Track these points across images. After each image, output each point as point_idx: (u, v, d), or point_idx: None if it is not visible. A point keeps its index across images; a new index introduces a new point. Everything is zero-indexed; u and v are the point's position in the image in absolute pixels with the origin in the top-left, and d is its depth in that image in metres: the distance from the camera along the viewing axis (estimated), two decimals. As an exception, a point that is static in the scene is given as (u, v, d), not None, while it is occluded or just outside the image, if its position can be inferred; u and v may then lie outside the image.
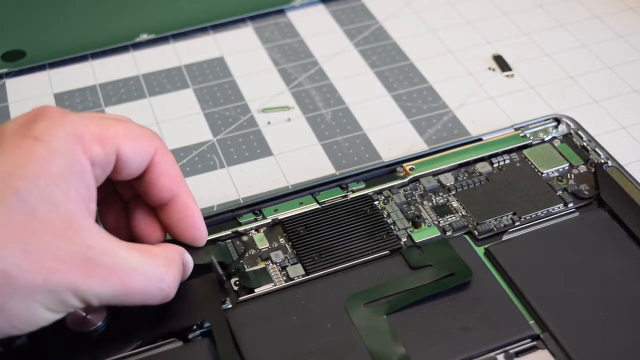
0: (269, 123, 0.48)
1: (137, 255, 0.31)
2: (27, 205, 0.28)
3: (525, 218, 0.39)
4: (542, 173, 0.42)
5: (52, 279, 0.28)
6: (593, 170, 0.42)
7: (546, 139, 0.44)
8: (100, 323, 0.34)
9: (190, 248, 0.35)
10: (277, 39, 0.55)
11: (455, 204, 0.40)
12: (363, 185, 0.41)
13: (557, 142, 0.44)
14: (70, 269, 0.29)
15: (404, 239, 0.39)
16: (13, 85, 0.51)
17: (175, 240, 0.35)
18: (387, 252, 0.38)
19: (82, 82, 0.51)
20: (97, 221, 0.33)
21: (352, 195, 0.41)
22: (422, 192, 0.41)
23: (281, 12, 0.58)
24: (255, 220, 0.40)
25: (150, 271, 0.31)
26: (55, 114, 0.30)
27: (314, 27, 0.56)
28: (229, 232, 0.39)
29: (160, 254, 0.32)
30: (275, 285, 0.37)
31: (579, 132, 0.44)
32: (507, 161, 0.42)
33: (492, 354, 0.34)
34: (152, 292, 0.31)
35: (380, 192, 0.41)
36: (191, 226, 0.35)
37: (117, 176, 0.33)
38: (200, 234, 0.35)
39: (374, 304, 0.35)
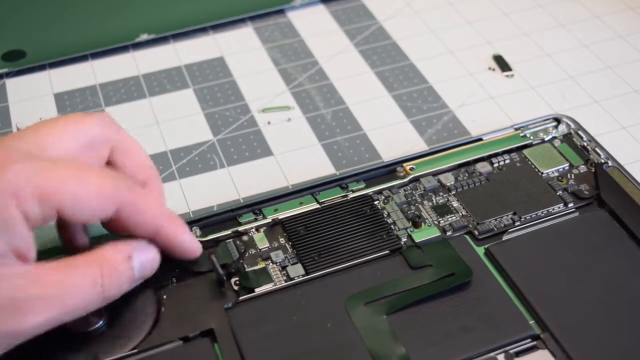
0: (269, 123, 0.48)
1: (65, 271, 0.31)
2: None
3: (525, 218, 0.39)
4: (542, 173, 0.42)
5: None
6: (593, 170, 0.42)
7: (546, 139, 0.44)
8: (100, 323, 0.34)
9: None
10: (277, 39, 0.55)
11: (455, 203, 0.40)
12: (363, 185, 0.41)
13: (557, 142, 0.44)
14: (2, 315, 0.29)
15: (404, 239, 0.39)
16: (13, 85, 0.51)
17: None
18: (387, 252, 0.38)
19: (82, 82, 0.51)
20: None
21: (352, 195, 0.41)
22: (422, 192, 0.41)
23: (281, 12, 0.58)
24: (256, 220, 0.40)
25: (81, 280, 0.31)
26: (3, 159, 0.30)
27: (314, 27, 0.56)
28: (229, 232, 0.39)
29: (89, 259, 0.32)
30: (275, 285, 0.37)
31: (579, 132, 0.44)
32: (507, 161, 0.42)
33: (492, 354, 0.34)
34: (91, 298, 0.31)
35: (380, 192, 0.41)
36: (180, 253, 0.35)
37: (70, 222, 0.32)
38: (192, 255, 0.35)
39: (374, 304, 0.35)
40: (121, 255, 0.33)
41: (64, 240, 0.36)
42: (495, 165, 0.42)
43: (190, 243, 0.35)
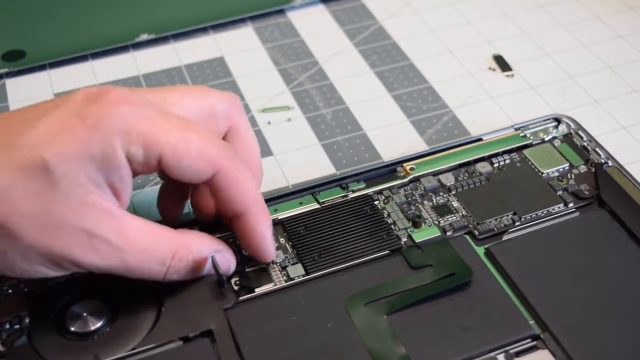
0: (269, 123, 0.48)
1: (147, 237, 0.33)
2: (50, 175, 0.30)
3: (525, 218, 0.39)
4: (542, 173, 0.42)
5: (52, 246, 0.31)
6: (593, 170, 0.42)
7: (546, 139, 0.44)
8: (100, 323, 0.34)
9: None
10: (277, 39, 0.55)
11: (455, 203, 0.40)
12: (363, 185, 0.41)
13: (557, 142, 0.44)
14: (72, 241, 0.31)
15: (404, 239, 0.39)
16: (13, 85, 0.51)
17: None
18: (388, 252, 0.38)
19: (82, 82, 0.51)
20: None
21: (352, 195, 0.41)
22: (422, 192, 0.41)
23: (281, 12, 0.58)
24: (256, 220, 0.39)
25: (154, 254, 0.33)
26: (114, 100, 0.31)
27: (314, 27, 0.56)
28: (229, 232, 0.39)
29: (173, 239, 0.34)
30: (275, 285, 0.36)
31: (579, 132, 0.44)
32: (508, 161, 0.42)
33: (492, 354, 0.34)
34: (152, 271, 0.33)
35: (380, 192, 0.41)
36: (255, 246, 0.35)
37: (171, 176, 0.33)
38: (264, 254, 0.36)
39: (374, 304, 0.35)
40: (202, 251, 0.34)
41: (160, 204, 0.38)
42: (496, 165, 0.42)
43: (268, 240, 0.36)
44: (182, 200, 0.39)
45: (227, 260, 0.36)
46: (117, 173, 0.31)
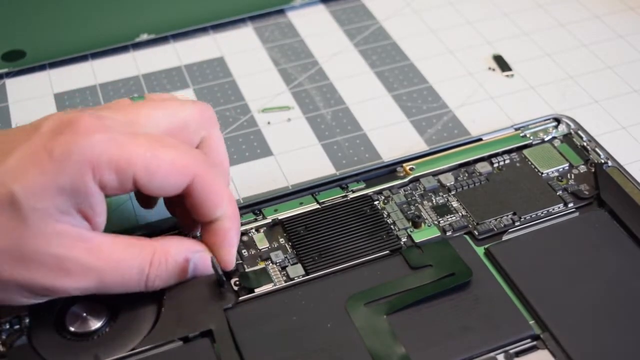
0: (269, 123, 0.48)
1: (120, 248, 0.33)
2: (19, 210, 0.30)
3: (525, 218, 0.39)
4: (542, 173, 0.42)
5: (29, 277, 0.31)
6: (593, 170, 0.42)
7: (546, 139, 0.44)
8: (100, 323, 0.34)
9: None
10: (277, 39, 0.55)
11: (455, 204, 0.40)
12: (363, 185, 0.41)
13: (557, 142, 0.44)
14: (46, 271, 0.31)
15: (404, 239, 0.39)
16: (13, 85, 0.51)
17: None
18: (387, 252, 0.38)
19: (82, 82, 0.51)
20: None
21: (352, 195, 0.41)
22: (422, 192, 0.41)
23: (281, 12, 0.58)
24: (255, 220, 0.40)
25: (130, 263, 0.33)
26: (82, 130, 0.31)
27: (314, 27, 0.56)
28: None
29: (148, 246, 0.34)
30: (275, 285, 0.37)
31: (579, 132, 0.44)
32: (507, 161, 0.42)
33: (492, 354, 0.34)
34: (131, 282, 0.33)
35: (380, 192, 0.41)
36: (221, 254, 0.35)
37: (148, 195, 0.33)
38: (225, 263, 0.36)
39: (374, 304, 0.35)
40: (182, 254, 0.34)
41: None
42: (495, 165, 0.42)
43: (235, 247, 0.36)
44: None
45: (208, 263, 0.35)
46: (87, 202, 0.31)
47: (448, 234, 0.39)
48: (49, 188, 0.30)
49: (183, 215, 0.37)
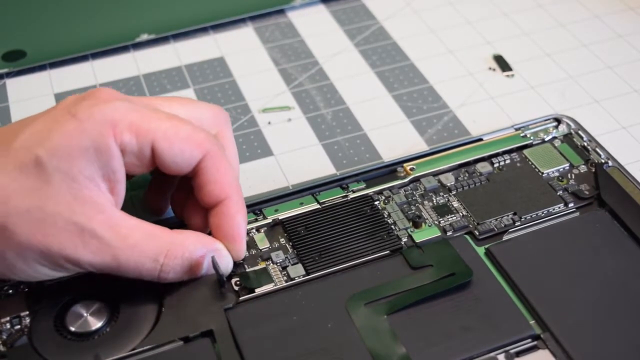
0: (269, 123, 0.48)
1: (139, 233, 0.33)
2: (43, 171, 0.31)
3: (525, 218, 0.39)
4: (542, 173, 0.42)
5: (46, 243, 0.31)
6: (593, 170, 0.42)
7: (546, 139, 0.44)
8: (100, 323, 0.34)
9: None
10: (278, 39, 0.55)
11: (455, 204, 0.40)
12: (363, 185, 0.41)
13: (557, 142, 0.44)
14: (65, 237, 0.31)
15: (404, 239, 0.39)
16: (13, 85, 0.51)
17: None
18: (388, 252, 0.38)
19: (83, 82, 0.51)
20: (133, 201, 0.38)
21: (352, 196, 0.41)
22: (422, 192, 0.41)
23: (281, 12, 0.58)
24: (256, 220, 0.40)
25: (146, 250, 0.33)
26: (104, 97, 0.33)
27: (314, 27, 0.56)
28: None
29: (167, 236, 0.34)
30: (275, 285, 0.37)
31: (580, 132, 0.44)
32: (508, 161, 0.42)
33: (492, 354, 0.34)
34: (145, 269, 0.33)
35: (380, 192, 0.41)
36: (230, 238, 0.36)
37: (162, 169, 0.34)
38: (236, 248, 0.36)
39: (375, 304, 0.35)
40: (198, 250, 0.35)
41: (146, 196, 0.39)
42: (496, 165, 0.42)
43: (243, 230, 0.36)
44: (167, 192, 0.39)
45: (225, 260, 0.36)
46: (109, 164, 0.32)
47: (448, 234, 0.39)
48: (73, 148, 0.31)
49: (190, 216, 0.37)
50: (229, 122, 0.38)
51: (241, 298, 0.36)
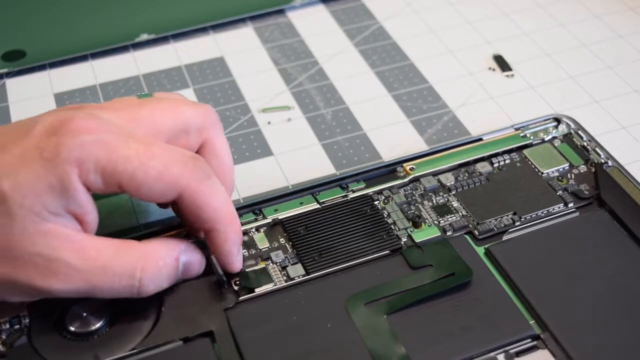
0: (269, 123, 0.48)
1: (108, 252, 0.32)
2: (8, 206, 0.31)
3: (525, 218, 0.39)
4: (542, 173, 0.42)
5: (14, 275, 0.31)
6: (593, 170, 0.42)
7: (546, 139, 0.44)
8: (100, 323, 0.34)
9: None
10: (277, 39, 0.55)
11: (455, 203, 0.40)
12: (363, 185, 0.41)
13: (557, 142, 0.44)
14: (32, 270, 0.31)
15: (404, 239, 0.39)
16: (13, 85, 0.51)
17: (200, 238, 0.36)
18: (388, 252, 0.38)
19: (82, 82, 0.51)
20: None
21: (352, 195, 0.41)
22: (422, 192, 0.41)
23: (281, 12, 0.58)
24: (256, 220, 0.40)
25: (118, 269, 0.32)
26: (74, 130, 0.31)
27: (314, 27, 0.56)
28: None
29: (137, 250, 0.33)
30: (275, 285, 0.37)
31: (579, 132, 0.44)
32: (508, 161, 0.42)
33: (492, 354, 0.34)
34: (121, 288, 0.33)
35: (380, 192, 0.41)
36: (221, 263, 0.36)
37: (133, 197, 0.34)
38: (229, 270, 0.36)
39: (374, 304, 0.35)
40: (171, 255, 0.34)
41: None
42: (496, 165, 0.42)
43: (234, 256, 0.36)
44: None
45: (194, 258, 0.35)
46: (76, 200, 0.31)
47: (448, 233, 0.39)
48: (37, 186, 0.31)
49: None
50: (218, 123, 0.37)
51: (241, 298, 0.36)
